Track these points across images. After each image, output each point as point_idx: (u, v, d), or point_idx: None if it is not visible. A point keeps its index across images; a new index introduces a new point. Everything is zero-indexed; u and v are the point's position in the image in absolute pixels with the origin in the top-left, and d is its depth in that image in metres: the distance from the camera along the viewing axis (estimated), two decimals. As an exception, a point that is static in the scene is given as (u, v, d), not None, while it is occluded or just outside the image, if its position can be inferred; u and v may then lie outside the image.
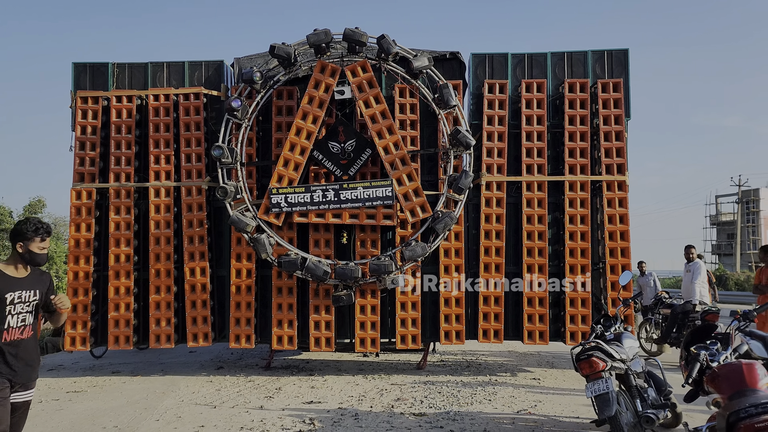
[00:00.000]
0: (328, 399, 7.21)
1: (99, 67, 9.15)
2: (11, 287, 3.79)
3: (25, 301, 3.85)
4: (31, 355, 3.88)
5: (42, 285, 3.95)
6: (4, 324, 3.77)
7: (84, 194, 8.85)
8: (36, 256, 3.86)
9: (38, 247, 3.85)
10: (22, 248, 3.81)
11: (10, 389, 3.76)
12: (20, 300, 3.81)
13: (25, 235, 3.81)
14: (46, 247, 3.88)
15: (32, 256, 3.84)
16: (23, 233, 3.81)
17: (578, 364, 4.98)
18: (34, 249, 3.83)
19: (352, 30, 8.29)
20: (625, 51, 9.07)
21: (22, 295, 3.82)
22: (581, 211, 8.68)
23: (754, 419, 2.84)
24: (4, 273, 3.81)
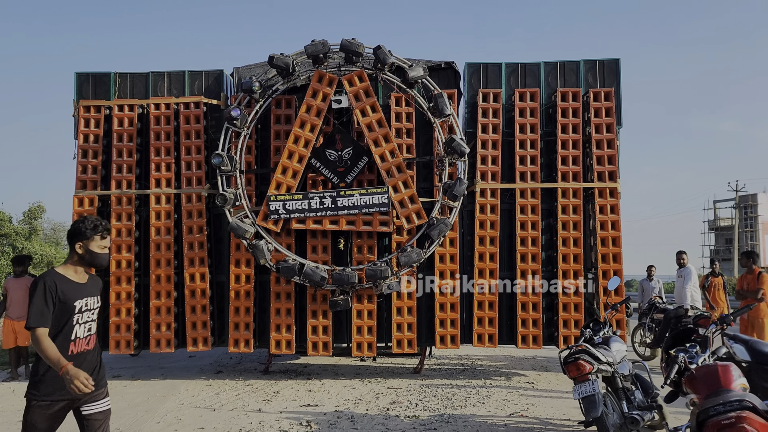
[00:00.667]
0: (325, 402, 7.36)
1: (101, 76, 9.33)
2: (78, 294, 3.53)
3: (91, 308, 3.61)
4: (95, 366, 3.63)
5: (100, 290, 3.78)
6: (72, 334, 3.50)
7: (86, 201, 9.02)
8: (97, 256, 3.59)
9: (99, 246, 3.58)
10: (81, 248, 3.53)
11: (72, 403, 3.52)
12: (86, 308, 3.58)
13: (84, 234, 3.53)
14: (107, 246, 3.63)
15: (93, 256, 3.57)
16: (82, 232, 3.53)
17: (566, 366, 5.14)
18: (94, 248, 3.56)
19: (349, 41, 8.48)
20: (617, 60, 9.26)
21: (88, 302, 3.58)
22: (574, 217, 8.85)
23: (720, 416, 3.00)
24: (67, 278, 3.53)
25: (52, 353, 3.34)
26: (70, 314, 3.48)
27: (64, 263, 3.63)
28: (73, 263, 3.59)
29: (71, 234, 3.55)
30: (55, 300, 3.43)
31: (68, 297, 3.47)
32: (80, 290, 3.55)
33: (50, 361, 3.33)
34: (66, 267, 3.59)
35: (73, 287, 3.51)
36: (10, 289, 9.23)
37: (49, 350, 3.35)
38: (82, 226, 3.55)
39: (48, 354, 3.34)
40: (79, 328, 3.53)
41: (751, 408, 3.02)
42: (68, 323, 3.48)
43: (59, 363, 3.31)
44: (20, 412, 6.85)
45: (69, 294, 3.48)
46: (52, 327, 3.45)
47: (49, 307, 3.41)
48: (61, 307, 3.46)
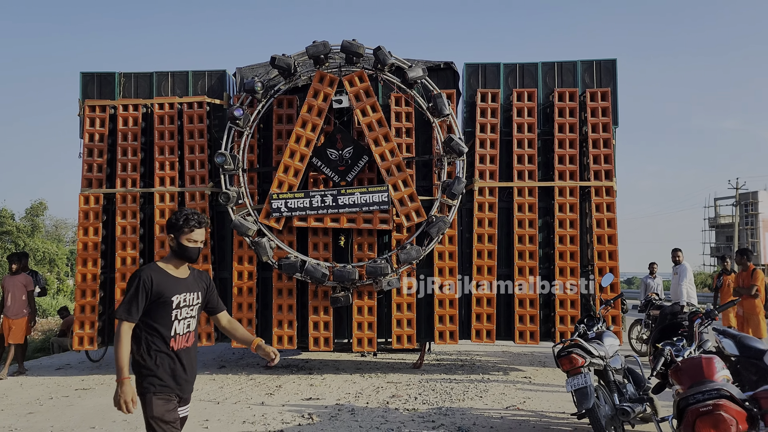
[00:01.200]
0: (326, 396, 7.54)
1: (106, 76, 9.50)
2: (177, 289, 3.41)
3: (190, 304, 3.47)
4: (193, 365, 3.51)
5: (203, 286, 3.60)
6: (171, 330, 3.38)
7: (92, 199, 9.20)
8: (186, 249, 3.43)
9: (188, 239, 3.42)
10: (173, 241, 3.44)
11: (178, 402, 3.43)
12: (185, 303, 3.45)
13: (174, 225, 3.43)
14: (198, 240, 3.46)
15: (182, 249, 3.43)
16: (173, 224, 3.44)
17: (559, 360, 5.30)
18: (183, 241, 3.42)
19: (349, 42, 8.63)
20: (613, 61, 9.41)
21: (186, 297, 3.45)
22: (570, 215, 9.00)
23: (699, 404, 3.16)
24: (167, 272, 3.42)
25: (123, 356, 3.23)
26: (168, 309, 3.36)
27: (165, 257, 3.55)
28: (172, 256, 3.49)
29: (166, 227, 3.50)
30: (149, 294, 3.31)
31: (165, 291, 3.35)
32: (179, 285, 3.42)
33: (117, 362, 3.23)
34: (166, 261, 3.50)
35: (171, 282, 3.39)
36: (7, 287, 9.33)
37: (123, 351, 3.24)
38: (174, 218, 3.45)
39: (120, 353, 3.23)
40: (178, 325, 3.41)
41: (729, 397, 3.18)
42: (167, 319, 3.36)
43: (122, 371, 3.23)
44: (29, 405, 7.10)
45: (166, 288, 3.36)
46: (153, 321, 3.35)
47: (140, 301, 3.29)
48: (158, 302, 3.34)
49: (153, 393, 3.31)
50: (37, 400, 7.42)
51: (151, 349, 3.34)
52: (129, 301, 3.29)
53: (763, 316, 8.65)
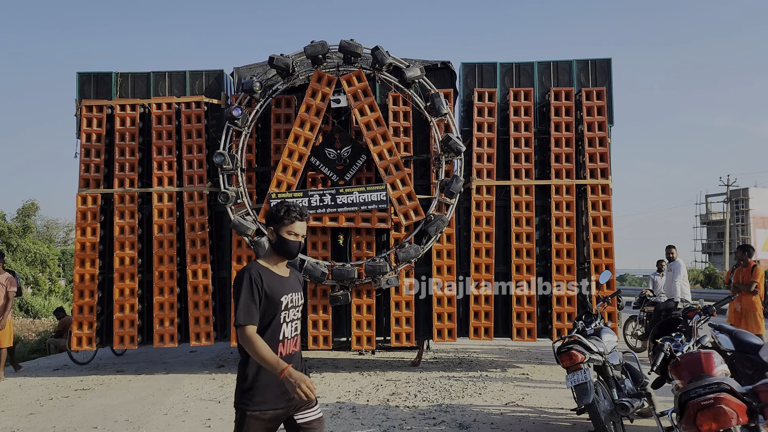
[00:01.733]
0: (326, 394, 7.58)
1: (103, 76, 9.50)
2: (283, 288, 3.17)
3: (296, 305, 3.24)
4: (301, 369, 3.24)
5: (302, 286, 3.39)
6: (279, 334, 3.13)
7: (89, 199, 9.20)
8: (287, 243, 3.17)
9: (288, 231, 3.17)
10: (272, 234, 3.19)
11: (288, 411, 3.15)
12: (293, 304, 3.21)
13: (274, 217, 3.21)
14: (300, 233, 3.21)
15: (283, 243, 3.18)
16: (273, 216, 3.21)
17: (559, 356, 5.37)
18: (284, 234, 3.17)
19: (347, 42, 8.68)
20: (608, 60, 9.50)
21: (293, 297, 3.21)
22: (567, 213, 9.08)
23: (700, 398, 3.24)
24: (271, 271, 3.17)
25: (268, 354, 2.95)
26: (276, 311, 3.12)
27: (265, 254, 3.29)
28: (272, 253, 3.23)
29: (266, 219, 3.28)
30: (261, 294, 3.07)
31: (274, 291, 3.12)
32: (284, 284, 3.19)
33: (266, 362, 2.94)
34: (267, 258, 3.23)
35: (277, 281, 3.16)
36: None
37: (264, 350, 2.96)
38: (275, 209, 3.23)
39: (263, 354, 2.94)
40: (286, 327, 3.16)
41: (729, 390, 3.26)
42: (275, 321, 3.12)
43: (278, 365, 2.92)
44: (29, 405, 7.10)
45: (274, 288, 3.13)
46: (261, 325, 3.08)
47: (256, 302, 3.05)
48: (267, 303, 3.10)
49: (250, 410, 3.05)
50: (37, 401, 7.43)
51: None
52: (245, 303, 3.02)
53: (761, 313, 8.76)
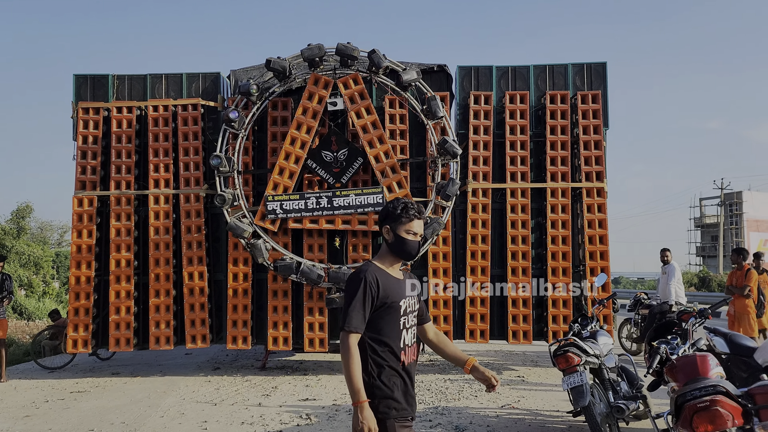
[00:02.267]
0: (322, 396, 7.59)
1: (99, 78, 9.49)
2: (401, 291, 2.95)
3: (414, 310, 3.02)
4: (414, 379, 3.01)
5: (418, 290, 3.14)
6: (401, 341, 2.90)
7: (86, 201, 9.18)
8: (405, 243, 2.94)
9: (407, 230, 2.95)
10: (389, 233, 2.96)
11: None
12: (411, 309, 2.99)
13: (391, 215, 2.97)
14: (418, 232, 2.98)
15: (400, 242, 2.94)
16: (390, 213, 2.97)
17: (555, 359, 5.41)
18: (402, 233, 2.94)
19: (344, 45, 8.70)
20: (603, 64, 9.56)
21: (410, 302, 2.99)
22: (562, 216, 9.13)
23: (696, 400, 3.27)
24: (387, 273, 2.94)
25: (357, 374, 2.76)
26: (397, 317, 2.90)
27: (377, 256, 3.03)
28: (387, 254, 3.00)
29: (382, 217, 3.02)
30: (375, 299, 2.85)
31: (392, 295, 2.89)
32: (402, 287, 2.96)
33: (351, 382, 2.75)
34: (382, 259, 3.00)
35: (395, 283, 2.93)
36: None
37: (356, 369, 2.76)
38: (391, 206, 3.00)
39: (353, 373, 2.75)
40: (406, 334, 2.94)
41: (725, 393, 3.29)
42: (396, 328, 2.89)
43: (358, 394, 2.72)
44: (24, 408, 7.07)
45: (393, 292, 2.90)
46: (380, 332, 2.88)
47: (367, 308, 2.84)
48: (387, 308, 2.88)
49: (394, 419, 2.83)
50: (32, 403, 7.40)
51: (383, 366, 2.85)
52: (357, 308, 2.82)
53: (754, 316, 8.82)
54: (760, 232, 52.89)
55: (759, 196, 54.44)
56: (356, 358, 2.77)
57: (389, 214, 2.98)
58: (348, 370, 2.76)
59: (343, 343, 2.80)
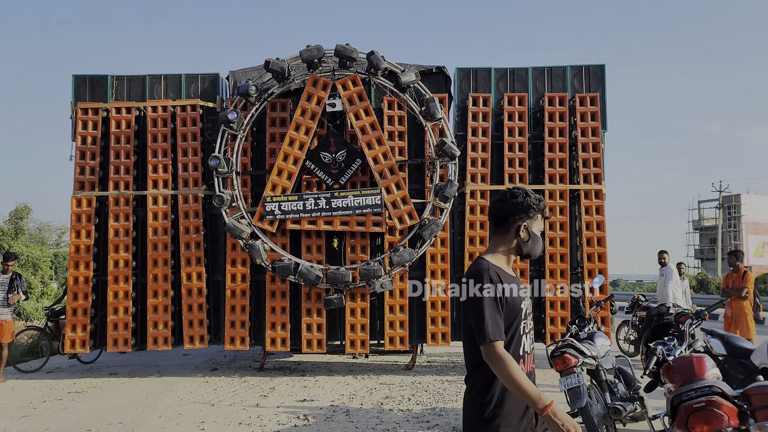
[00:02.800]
0: (320, 397, 7.59)
1: (98, 79, 9.49)
2: (521, 292, 2.60)
3: (530, 312, 2.66)
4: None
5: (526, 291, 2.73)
6: (520, 348, 2.56)
7: (84, 202, 9.18)
8: (537, 240, 2.63)
9: (537, 228, 2.65)
10: (525, 231, 2.59)
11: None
12: (528, 311, 2.64)
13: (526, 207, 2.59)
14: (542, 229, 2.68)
15: (534, 242, 2.62)
16: (525, 205, 2.58)
17: (552, 360, 5.41)
18: (535, 230, 2.63)
19: (343, 46, 8.72)
20: (602, 66, 9.58)
21: (528, 304, 2.64)
22: (560, 218, 9.14)
23: (692, 401, 3.28)
24: (506, 272, 2.59)
25: (526, 382, 2.39)
26: (518, 321, 2.56)
27: (490, 251, 2.65)
28: (507, 251, 2.63)
29: (507, 211, 2.59)
30: (502, 300, 2.51)
31: (515, 296, 2.55)
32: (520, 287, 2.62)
33: (523, 392, 2.37)
34: (496, 256, 2.62)
35: (513, 283, 2.58)
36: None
37: (521, 376, 2.39)
38: (523, 197, 2.60)
39: (520, 382, 2.37)
40: (526, 340, 2.60)
41: (721, 393, 3.30)
42: (517, 333, 2.55)
43: (540, 399, 2.35)
44: (22, 408, 7.07)
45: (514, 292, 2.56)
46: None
47: (500, 311, 2.50)
48: (508, 311, 2.53)
49: None
50: (30, 404, 7.39)
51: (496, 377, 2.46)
52: (492, 313, 2.47)
53: (751, 317, 8.83)
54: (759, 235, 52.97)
55: (757, 199, 54.54)
56: (514, 364, 2.40)
57: (525, 207, 2.58)
58: (515, 380, 2.37)
59: (492, 356, 2.42)
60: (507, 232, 2.61)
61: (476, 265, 2.57)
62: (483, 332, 2.44)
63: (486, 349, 2.44)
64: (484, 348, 2.45)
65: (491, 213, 2.67)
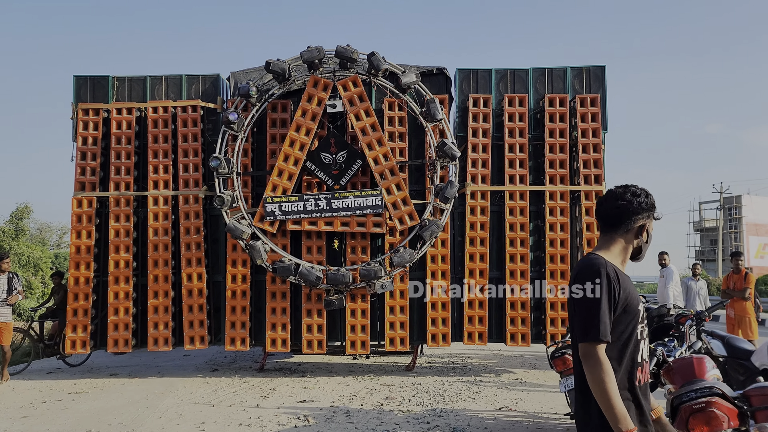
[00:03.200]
0: (320, 398, 7.59)
1: (99, 80, 9.50)
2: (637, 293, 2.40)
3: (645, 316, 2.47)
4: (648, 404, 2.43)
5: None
6: (638, 355, 2.36)
7: (85, 202, 9.19)
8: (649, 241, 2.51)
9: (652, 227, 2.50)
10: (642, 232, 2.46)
11: None
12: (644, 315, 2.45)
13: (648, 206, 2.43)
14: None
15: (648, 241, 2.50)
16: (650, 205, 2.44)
17: (553, 361, 5.42)
18: (651, 229, 2.50)
19: (343, 47, 8.72)
20: (602, 67, 9.58)
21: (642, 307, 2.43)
22: (561, 219, 9.14)
23: (692, 402, 3.29)
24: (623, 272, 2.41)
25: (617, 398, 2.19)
26: (635, 324, 2.35)
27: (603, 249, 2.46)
28: (624, 251, 2.46)
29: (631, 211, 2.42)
30: (617, 301, 2.31)
31: (633, 296, 2.35)
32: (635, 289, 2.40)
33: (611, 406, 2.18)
34: (611, 255, 2.43)
35: (630, 282, 2.38)
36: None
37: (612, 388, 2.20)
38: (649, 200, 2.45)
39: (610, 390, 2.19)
40: (644, 345, 2.41)
41: (721, 394, 3.30)
42: (634, 338, 2.35)
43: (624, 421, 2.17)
44: (22, 408, 7.07)
45: (633, 292, 2.36)
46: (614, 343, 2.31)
47: (611, 312, 2.30)
48: (625, 314, 2.33)
49: None
50: (30, 404, 7.40)
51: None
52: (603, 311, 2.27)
53: (754, 318, 8.84)
54: (760, 236, 52.97)
55: (758, 200, 54.54)
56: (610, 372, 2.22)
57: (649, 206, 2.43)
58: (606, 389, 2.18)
59: (590, 356, 2.25)
60: (627, 231, 2.44)
61: (591, 260, 2.39)
62: (590, 329, 2.26)
63: (586, 349, 2.26)
64: (585, 347, 2.27)
65: (608, 211, 2.46)
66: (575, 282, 2.36)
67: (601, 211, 2.49)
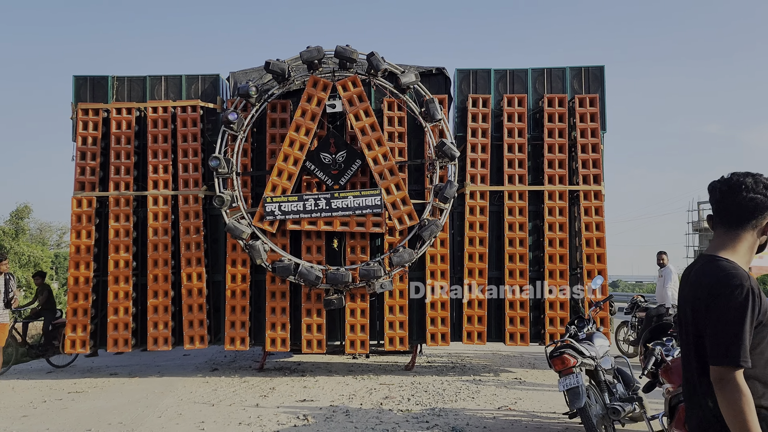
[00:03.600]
0: (320, 397, 7.61)
1: (99, 80, 9.51)
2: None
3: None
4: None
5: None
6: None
7: (84, 202, 9.20)
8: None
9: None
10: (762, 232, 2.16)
11: None
12: None
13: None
14: None
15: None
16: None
17: (551, 360, 5.43)
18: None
19: (343, 47, 8.74)
20: (601, 67, 9.60)
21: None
22: (560, 219, 9.16)
23: (690, 401, 3.30)
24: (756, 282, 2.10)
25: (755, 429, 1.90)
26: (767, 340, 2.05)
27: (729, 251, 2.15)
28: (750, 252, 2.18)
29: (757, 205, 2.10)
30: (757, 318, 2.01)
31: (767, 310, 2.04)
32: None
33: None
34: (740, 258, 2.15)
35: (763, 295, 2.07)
36: None
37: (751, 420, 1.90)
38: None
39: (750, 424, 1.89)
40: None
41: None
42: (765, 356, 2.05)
43: None
44: (22, 408, 7.09)
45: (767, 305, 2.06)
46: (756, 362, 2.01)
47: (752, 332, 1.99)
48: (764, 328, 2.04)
49: None
50: (30, 404, 7.41)
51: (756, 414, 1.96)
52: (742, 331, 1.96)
53: None
54: (758, 236, 52.88)
55: (757, 200, 54.41)
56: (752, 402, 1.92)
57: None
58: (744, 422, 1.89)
59: (728, 382, 1.94)
60: (755, 228, 2.13)
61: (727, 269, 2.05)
62: (728, 352, 1.94)
63: (723, 374, 1.95)
64: (721, 371, 1.95)
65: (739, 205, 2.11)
66: (711, 294, 2.02)
67: (727, 205, 2.14)
